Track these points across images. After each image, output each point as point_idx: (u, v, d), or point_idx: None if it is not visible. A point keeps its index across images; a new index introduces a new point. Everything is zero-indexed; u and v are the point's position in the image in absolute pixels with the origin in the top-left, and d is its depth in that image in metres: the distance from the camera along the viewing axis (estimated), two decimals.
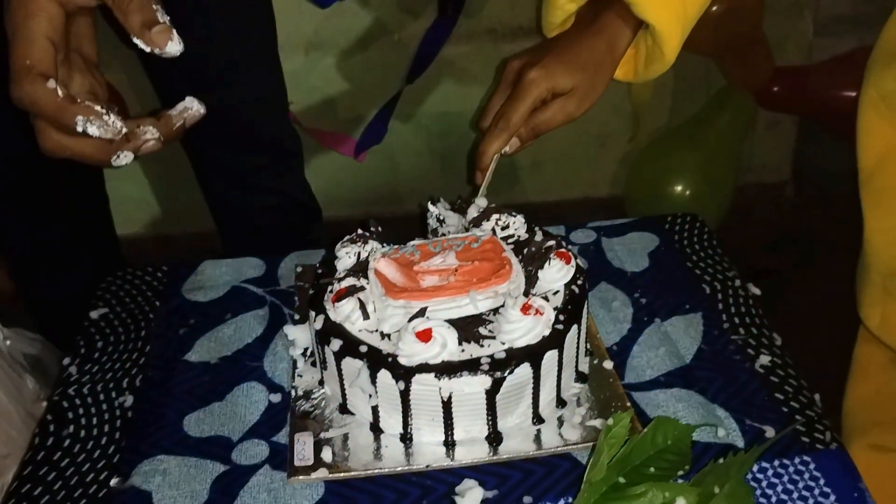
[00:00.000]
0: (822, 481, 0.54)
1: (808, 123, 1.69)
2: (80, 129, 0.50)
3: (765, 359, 0.64)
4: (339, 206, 1.63)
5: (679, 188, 1.54)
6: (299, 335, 0.65)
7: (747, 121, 1.57)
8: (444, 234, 0.67)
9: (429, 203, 0.70)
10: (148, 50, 0.50)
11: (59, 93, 0.49)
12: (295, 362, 0.64)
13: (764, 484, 0.54)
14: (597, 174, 1.71)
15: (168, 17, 0.50)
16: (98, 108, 0.50)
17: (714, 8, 1.39)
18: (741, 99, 1.54)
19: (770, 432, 0.57)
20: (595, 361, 0.63)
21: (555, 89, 0.70)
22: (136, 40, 0.50)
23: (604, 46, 0.71)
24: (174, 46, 0.50)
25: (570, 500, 0.53)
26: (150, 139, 0.52)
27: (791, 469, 0.55)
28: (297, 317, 0.69)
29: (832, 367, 1.02)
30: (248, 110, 1.05)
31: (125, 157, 0.52)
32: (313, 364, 0.64)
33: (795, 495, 0.53)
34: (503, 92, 0.74)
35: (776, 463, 0.55)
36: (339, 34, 1.50)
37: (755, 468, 0.54)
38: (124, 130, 0.51)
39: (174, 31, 0.50)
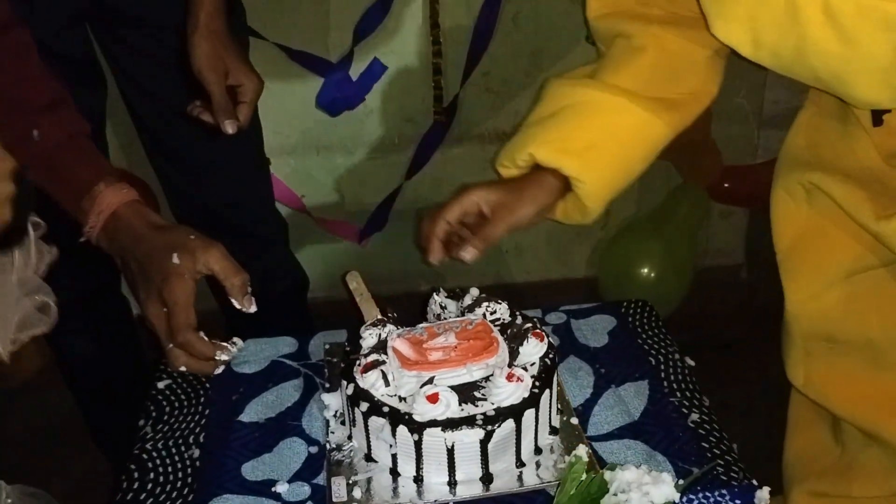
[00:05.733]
0: None
1: (757, 212, 1.91)
2: (217, 358, 0.82)
3: (695, 416, 0.81)
4: (341, 287, 1.81)
5: (645, 270, 1.73)
6: (332, 401, 0.83)
7: (703, 212, 1.79)
8: (445, 318, 0.86)
9: (433, 294, 0.88)
10: (238, 306, 0.82)
11: (206, 339, 0.81)
12: (328, 422, 0.81)
13: None
14: (573, 258, 1.91)
15: (250, 288, 0.82)
16: (224, 343, 0.83)
17: None
18: (696, 193, 1.76)
19: (697, 473, 0.74)
20: (564, 418, 0.81)
21: (482, 199, 0.88)
22: (233, 299, 0.82)
23: (528, 178, 0.90)
24: (252, 308, 0.82)
25: None
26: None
27: (712, 500, 0.72)
28: (328, 385, 0.87)
29: (785, 424, 1.18)
30: (232, 205, 1.24)
31: (220, 369, 0.85)
32: (342, 423, 0.81)
33: None
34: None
35: (701, 495, 0.72)
36: (347, 137, 1.72)
37: (684, 499, 0.71)
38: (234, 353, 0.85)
39: (253, 299, 0.82)
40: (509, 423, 0.73)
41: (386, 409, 0.74)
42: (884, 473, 1.08)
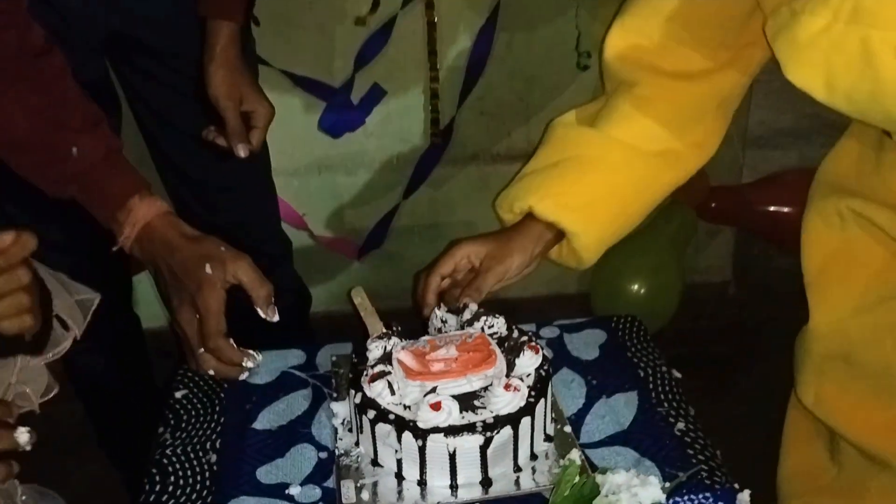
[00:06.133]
0: None
1: (744, 231, 1.98)
2: (244, 364, 0.90)
3: (681, 425, 0.87)
4: (340, 302, 1.86)
5: (635, 286, 1.80)
6: (340, 409, 0.88)
7: (690, 230, 1.86)
8: (446, 332, 0.91)
9: (435, 309, 0.94)
10: (263, 315, 0.90)
11: (234, 345, 0.89)
12: (336, 429, 0.87)
13: None
14: (566, 274, 1.96)
15: (276, 309, 0.90)
16: (251, 351, 0.91)
17: None
18: (684, 212, 1.82)
19: (683, 477, 0.80)
20: (558, 426, 0.86)
21: (472, 252, 0.93)
22: (258, 308, 0.89)
23: (517, 229, 0.95)
24: (275, 317, 0.90)
25: None
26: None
27: (696, 502, 0.77)
28: (335, 395, 0.92)
29: (772, 437, 1.23)
30: (241, 224, 1.30)
31: (245, 375, 0.92)
32: (350, 430, 0.86)
33: None
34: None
35: (686, 498, 0.77)
36: (348, 158, 1.78)
37: (671, 501, 0.76)
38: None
39: (276, 308, 0.90)
40: (507, 430, 0.78)
41: (392, 416, 0.79)
42: (880, 491, 1.11)
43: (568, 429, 0.86)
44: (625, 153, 0.95)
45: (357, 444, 0.84)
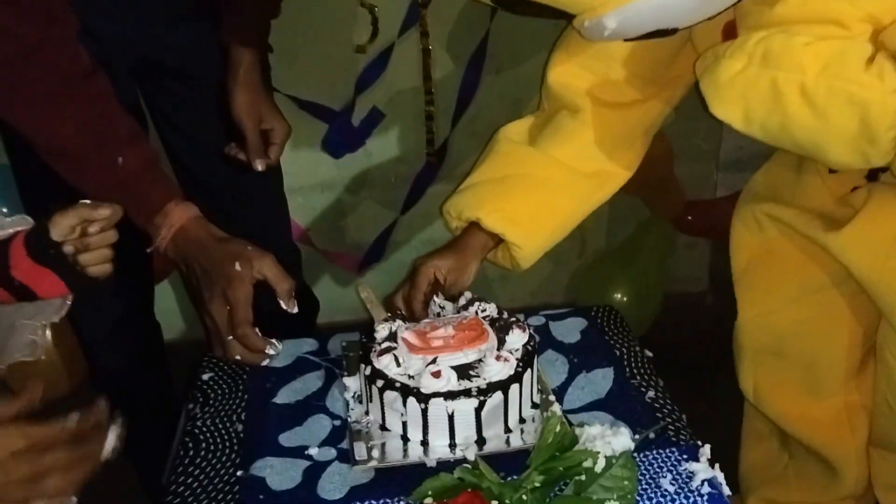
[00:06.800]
0: (680, 462, 0.88)
1: (719, 243, 2.11)
2: (266, 351, 1.01)
3: (651, 393, 0.99)
4: (343, 312, 1.97)
5: (618, 296, 1.91)
6: (351, 383, 0.99)
7: (669, 242, 1.99)
8: (443, 316, 1.03)
9: (434, 296, 1.06)
10: (284, 307, 1.00)
11: (259, 334, 0.99)
12: (348, 402, 0.98)
13: (646, 462, 0.87)
14: (553, 285, 2.09)
15: (296, 303, 1.01)
16: (273, 341, 1.02)
17: None
18: (663, 225, 1.96)
19: (651, 432, 0.91)
20: (543, 396, 0.98)
21: (436, 267, 1.04)
22: (280, 301, 1.00)
23: (467, 239, 1.08)
24: (294, 309, 1.00)
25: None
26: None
27: (663, 455, 0.89)
28: (346, 373, 1.03)
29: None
30: (255, 234, 1.40)
31: (266, 362, 1.03)
32: (360, 401, 0.97)
33: (664, 469, 0.87)
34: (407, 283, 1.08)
35: (655, 452, 0.89)
36: (349, 177, 1.90)
37: (639, 455, 0.88)
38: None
39: (296, 302, 1.00)
40: (498, 395, 0.90)
41: (398, 384, 0.90)
42: (823, 482, 1.23)
43: (552, 397, 0.97)
44: (565, 174, 1.08)
45: (367, 412, 0.95)
